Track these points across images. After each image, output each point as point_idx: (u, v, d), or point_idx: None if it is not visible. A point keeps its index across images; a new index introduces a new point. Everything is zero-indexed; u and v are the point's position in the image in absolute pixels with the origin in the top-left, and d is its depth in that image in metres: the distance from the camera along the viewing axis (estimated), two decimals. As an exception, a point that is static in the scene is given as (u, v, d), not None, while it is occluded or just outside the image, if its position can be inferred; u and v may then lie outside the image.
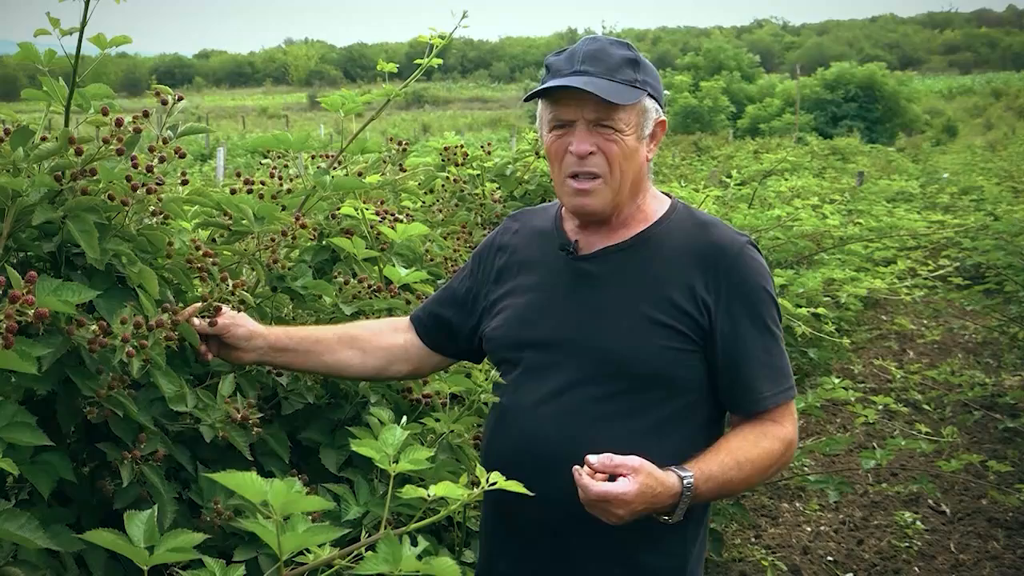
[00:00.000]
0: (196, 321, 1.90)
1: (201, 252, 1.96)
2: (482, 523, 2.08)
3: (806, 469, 4.90)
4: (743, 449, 1.84)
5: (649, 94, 1.89)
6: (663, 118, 1.94)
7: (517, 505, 1.86)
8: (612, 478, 1.69)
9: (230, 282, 1.96)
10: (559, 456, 1.79)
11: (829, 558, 4.60)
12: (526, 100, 1.94)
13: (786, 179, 11.54)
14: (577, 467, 1.70)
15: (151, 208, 1.84)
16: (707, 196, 5.10)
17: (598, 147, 1.86)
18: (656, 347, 1.85)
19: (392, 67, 2.59)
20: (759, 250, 1.95)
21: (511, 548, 1.95)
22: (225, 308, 1.96)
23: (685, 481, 1.75)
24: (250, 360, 2.00)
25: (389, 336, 2.13)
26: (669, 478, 1.74)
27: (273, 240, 2.12)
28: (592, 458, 1.70)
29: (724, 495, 1.94)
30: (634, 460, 1.70)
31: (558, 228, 2.01)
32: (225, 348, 1.96)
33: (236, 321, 1.96)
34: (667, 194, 2.03)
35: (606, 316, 1.88)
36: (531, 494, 1.55)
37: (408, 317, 2.19)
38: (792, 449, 1.92)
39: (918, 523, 4.85)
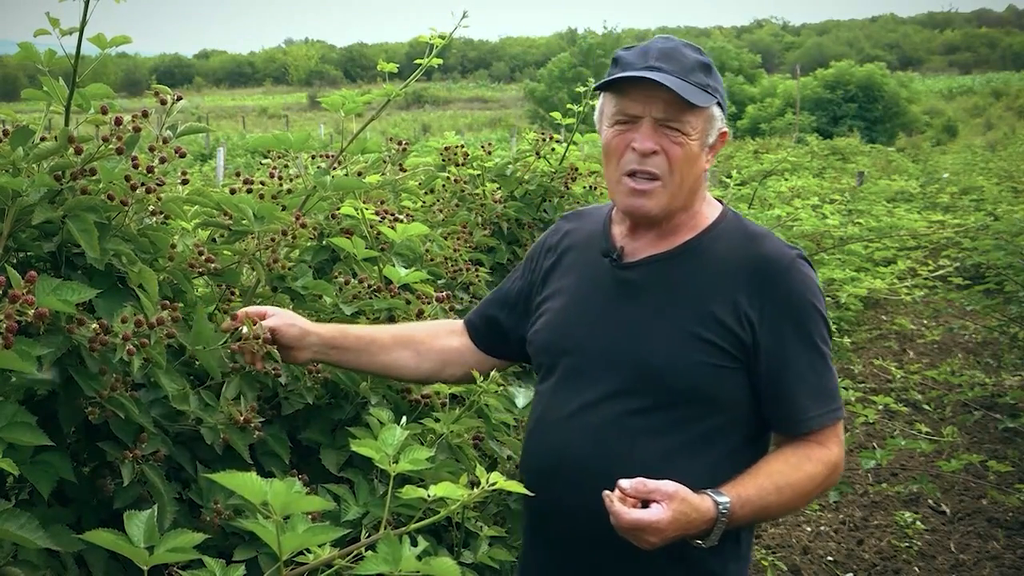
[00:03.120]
0: (244, 330, 1.89)
1: (204, 257, 1.96)
2: (522, 533, 2.07)
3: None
4: (784, 473, 1.78)
5: (718, 102, 1.84)
6: (726, 129, 1.89)
7: (550, 516, 1.87)
8: (645, 503, 1.65)
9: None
10: (592, 469, 1.76)
11: (829, 558, 4.60)
12: (595, 90, 1.90)
13: (786, 179, 11.55)
14: (608, 492, 1.65)
15: (151, 208, 1.84)
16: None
17: (662, 147, 1.80)
18: (695, 362, 1.79)
19: (392, 67, 2.58)
20: (811, 264, 1.89)
21: (544, 559, 1.93)
22: (274, 309, 1.95)
23: (721, 507, 1.69)
24: (304, 359, 1.99)
25: (445, 339, 2.12)
26: (704, 503, 1.69)
27: (273, 240, 2.11)
28: (624, 483, 1.65)
29: (761, 520, 1.87)
30: (668, 486, 1.65)
31: (606, 232, 1.97)
32: (279, 348, 1.95)
33: (287, 321, 1.95)
34: (720, 200, 1.97)
35: (645, 328, 1.83)
36: (531, 494, 1.54)
37: (463, 321, 2.17)
38: (837, 472, 1.85)
39: (918, 523, 4.85)
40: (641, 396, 1.81)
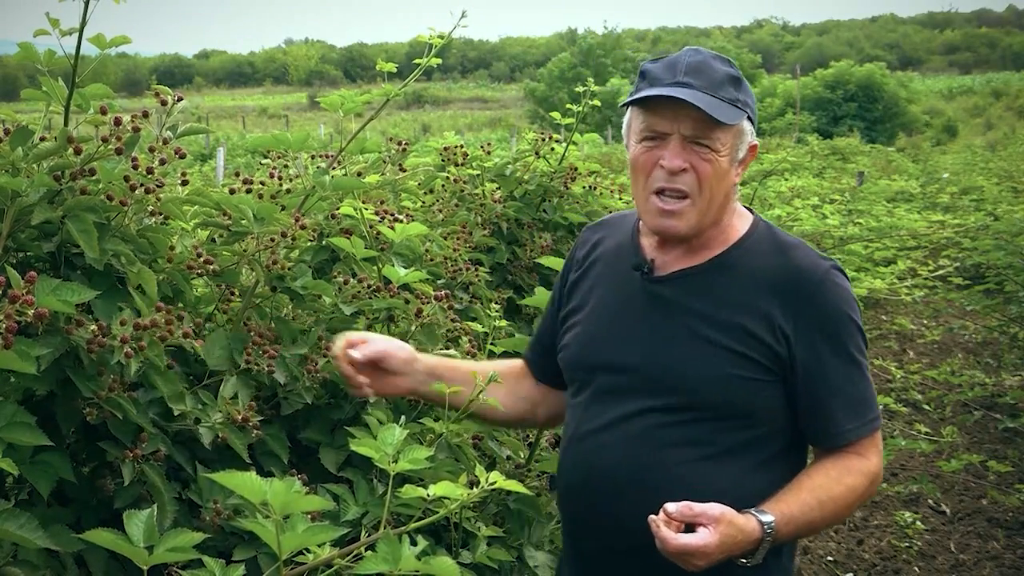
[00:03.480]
0: (355, 354, 1.87)
1: (202, 259, 1.96)
2: (562, 546, 2.06)
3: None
4: (825, 487, 1.77)
5: (748, 116, 1.82)
6: (756, 142, 1.86)
7: (585, 529, 1.87)
8: (690, 526, 1.64)
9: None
10: (625, 482, 1.76)
11: (829, 558, 4.60)
12: (622, 106, 1.86)
13: (786, 179, 11.55)
14: (653, 517, 1.64)
15: (150, 208, 1.84)
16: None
17: (691, 165, 1.77)
18: (728, 376, 1.77)
19: (392, 67, 2.58)
20: (845, 275, 1.87)
21: (581, 570, 1.93)
22: (376, 335, 1.93)
23: (766, 527, 1.68)
24: (405, 388, 1.96)
25: (527, 378, 2.10)
26: (749, 523, 1.68)
27: (273, 240, 2.12)
28: (670, 506, 1.64)
29: (805, 535, 1.87)
30: (714, 509, 1.64)
31: (635, 244, 1.93)
32: (380, 375, 1.92)
33: (397, 344, 1.93)
34: (749, 209, 1.95)
35: (678, 342, 1.81)
36: (529, 493, 1.54)
37: (522, 360, 2.14)
38: (877, 482, 1.84)
39: (918, 523, 4.85)
40: (675, 410, 1.80)
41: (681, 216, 1.80)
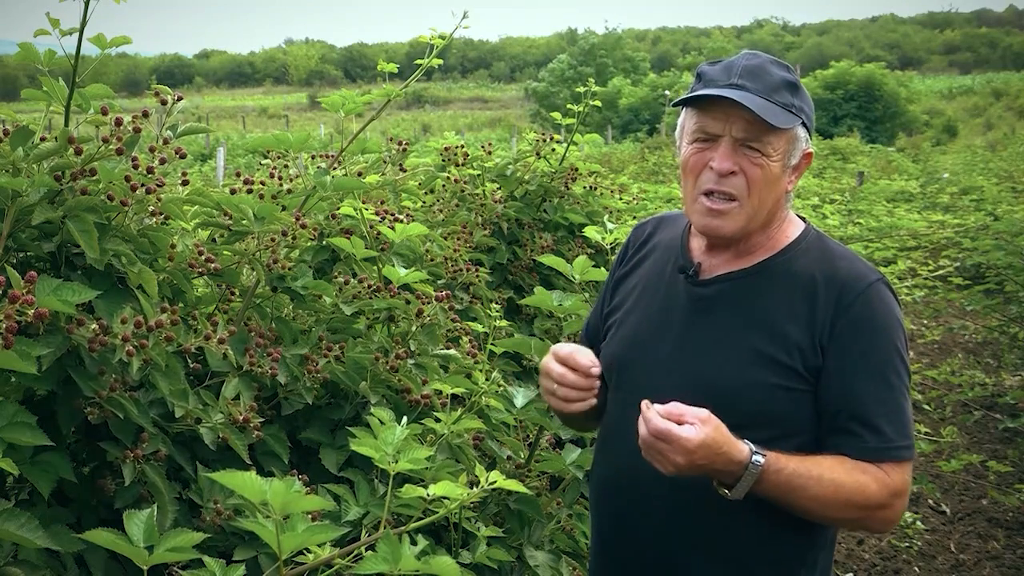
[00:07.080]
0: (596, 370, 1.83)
1: (204, 258, 1.96)
2: (589, 550, 2.04)
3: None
4: (833, 468, 1.69)
5: (803, 122, 1.78)
6: (811, 149, 1.83)
7: (615, 532, 1.87)
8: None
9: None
10: (654, 486, 1.73)
11: (829, 558, 4.60)
12: (673, 105, 1.84)
13: (786, 179, 11.53)
14: (647, 401, 1.63)
15: (151, 208, 1.84)
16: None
17: (741, 168, 1.74)
18: (766, 384, 1.74)
19: (392, 67, 2.59)
20: (892, 290, 1.81)
21: (612, 570, 1.91)
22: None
23: (754, 457, 1.64)
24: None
25: None
26: (738, 444, 1.64)
27: (273, 240, 2.12)
28: (657, 406, 1.62)
29: (789, 501, 1.71)
30: (702, 411, 1.62)
31: (683, 245, 1.92)
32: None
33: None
34: (802, 218, 1.91)
35: (717, 347, 1.79)
36: (529, 493, 1.54)
37: None
38: (896, 505, 1.73)
39: (918, 523, 4.85)
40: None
41: (728, 217, 1.78)
